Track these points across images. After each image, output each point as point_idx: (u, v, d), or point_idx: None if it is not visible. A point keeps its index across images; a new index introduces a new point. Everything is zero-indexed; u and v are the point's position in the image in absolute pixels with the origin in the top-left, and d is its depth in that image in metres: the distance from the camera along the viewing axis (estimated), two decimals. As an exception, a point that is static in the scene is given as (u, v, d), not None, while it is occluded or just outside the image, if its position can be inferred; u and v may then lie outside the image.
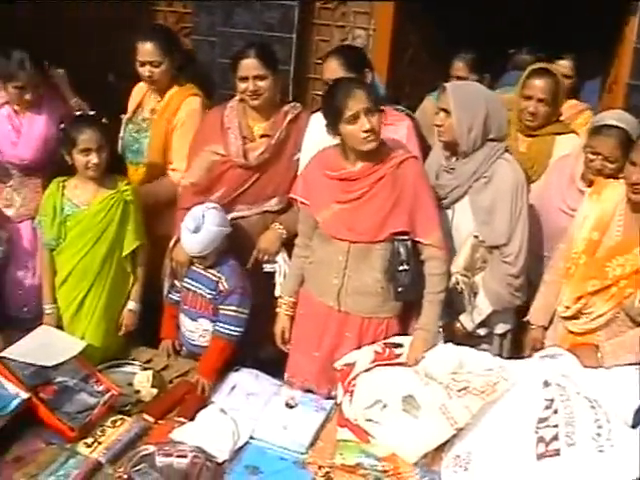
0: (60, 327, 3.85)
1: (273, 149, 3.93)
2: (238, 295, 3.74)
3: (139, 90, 4.40)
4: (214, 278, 3.77)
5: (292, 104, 4.07)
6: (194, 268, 3.86)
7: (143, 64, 4.14)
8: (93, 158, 3.70)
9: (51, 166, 4.14)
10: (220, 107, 4.06)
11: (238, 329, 3.72)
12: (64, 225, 3.80)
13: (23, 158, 4.19)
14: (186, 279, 3.88)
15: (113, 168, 3.88)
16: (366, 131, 3.27)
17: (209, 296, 3.78)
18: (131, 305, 3.96)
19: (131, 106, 4.39)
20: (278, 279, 3.94)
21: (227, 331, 3.71)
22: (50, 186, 3.85)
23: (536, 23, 6.55)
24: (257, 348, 3.97)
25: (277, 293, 3.89)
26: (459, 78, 4.69)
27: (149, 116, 4.30)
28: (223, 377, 3.68)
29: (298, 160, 3.96)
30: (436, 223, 3.43)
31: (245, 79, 3.83)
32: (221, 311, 3.75)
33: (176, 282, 3.98)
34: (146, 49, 4.11)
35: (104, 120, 3.82)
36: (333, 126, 3.35)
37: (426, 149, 3.95)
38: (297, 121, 4.00)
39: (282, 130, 3.94)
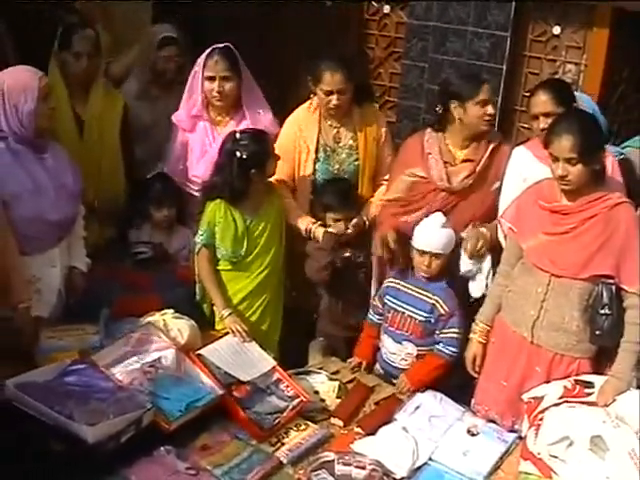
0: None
1: (477, 175, 3.95)
2: (457, 317, 3.83)
3: (308, 122, 4.31)
4: (430, 300, 3.84)
5: (493, 133, 4.09)
6: (406, 290, 3.92)
7: (330, 93, 4.14)
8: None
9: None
10: (419, 134, 4.13)
11: (457, 351, 3.80)
12: (247, 235, 3.97)
13: (198, 177, 4.34)
14: (397, 301, 3.93)
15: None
16: (560, 177, 3.31)
17: (421, 318, 3.85)
18: None
19: (310, 141, 4.28)
20: (479, 282, 3.96)
21: (449, 352, 3.81)
22: (216, 206, 3.96)
23: None
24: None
25: (475, 295, 3.95)
26: None
27: (352, 143, 4.28)
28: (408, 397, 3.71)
29: (497, 190, 3.97)
30: None
31: (487, 102, 3.90)
32: (443, 334, 3.83)
33: (377, 302, 4.04)
34: (336, 78, 4.10)
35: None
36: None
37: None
38: (498, 150, 4.01)
39: (486, 157, 3.96)
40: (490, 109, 3.90)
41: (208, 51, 4.33)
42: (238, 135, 3.97)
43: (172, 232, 4.47)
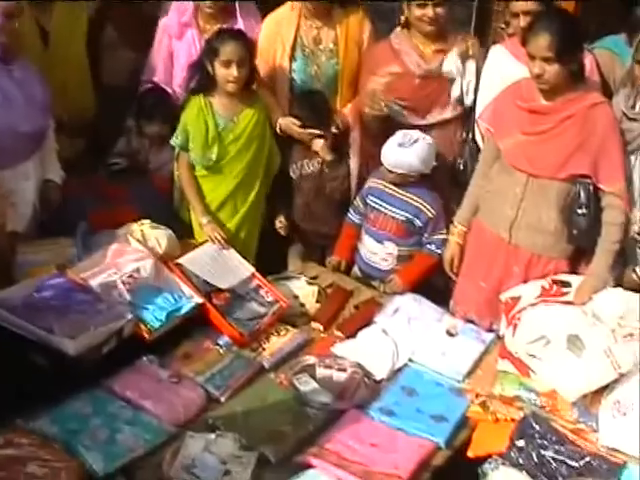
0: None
1: None
2: (443, 219, 3.85)
3: (288, 20, 4.17)
4: (414, 203, 3.85)
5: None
6: (389, 191, 3.91)
7: None
8: (233, 72, 3.76)
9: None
10: (385, 39, 4.08)
11: None
12: (218, 140, 3.89)
13: (181, 85, 4.23)
14: (379, 201, 3.93)
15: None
16: (537, 75, 3.28)
17: (403, 219, 3.86)
18: None
19: (286, 39, 4.16)
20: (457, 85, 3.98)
21: (439, 251, 3.83)
22: (192, 104, 3.90)
23: None
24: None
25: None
26: None
27: (333, 46, 4.16)
28: (387, 299, 3.75)
29: None
30: (621, 172, 3.35)
31: (424, 5, 3.83)
32: (433, 236, 3.86)
33: (359, 202, 4.04)
34: None
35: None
36: None
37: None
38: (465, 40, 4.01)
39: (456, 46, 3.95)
40: (429, 11, 3.81)
41: None
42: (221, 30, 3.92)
43: (163, 146, 4.31)
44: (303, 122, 4.06)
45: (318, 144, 4.06)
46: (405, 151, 3.78)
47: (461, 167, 4.00)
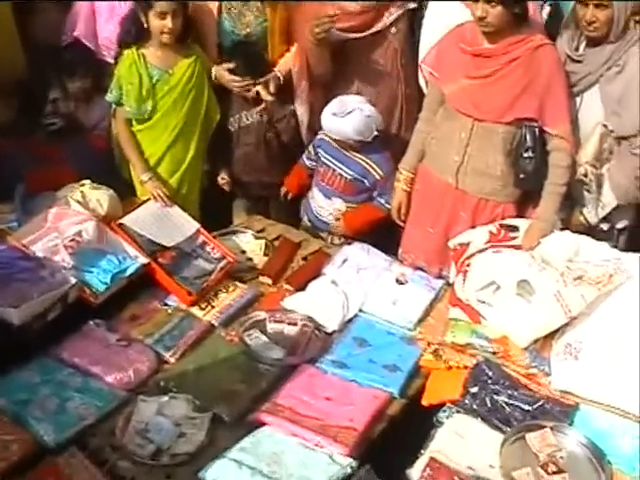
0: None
1: None
2: (394, 177, 3.78)
3: None
4: (362, 163, 3.83)
5: None
6: (340, 149, 3.86)
7: None
8: (168, 23, 3.66)
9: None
10: None
11: None
12: (152, 93, 3.80)
13: (109, 38, 4.12)
14: (328, 156, 3.89)
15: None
16: (479, 18, 3.22)
17: (350, 177, 3.84)
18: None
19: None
20: None
21: (389, 205, 3.80)
22: (125, 57, 3.79)
23: None
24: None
25: None
26: None
27: (260, 4, 3.99)
28: (336, 250, 3.72)
29: None
30: (566, 115, 3.34)
31: None
32: (384, 193, 3.83)
33: (311, 150, 4.00)
34: None
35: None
36: None
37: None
38: None
39: None
40: None
41: None
42: None
43: (91, 103, 4.21)
44: (238, 72, 3.95)
45: (258, 86, 3.95)
46: (339, 120, 3.75)
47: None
